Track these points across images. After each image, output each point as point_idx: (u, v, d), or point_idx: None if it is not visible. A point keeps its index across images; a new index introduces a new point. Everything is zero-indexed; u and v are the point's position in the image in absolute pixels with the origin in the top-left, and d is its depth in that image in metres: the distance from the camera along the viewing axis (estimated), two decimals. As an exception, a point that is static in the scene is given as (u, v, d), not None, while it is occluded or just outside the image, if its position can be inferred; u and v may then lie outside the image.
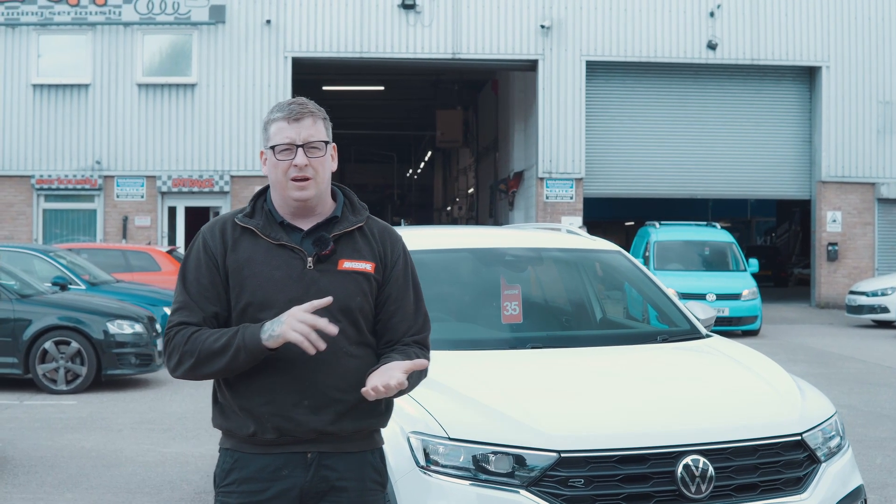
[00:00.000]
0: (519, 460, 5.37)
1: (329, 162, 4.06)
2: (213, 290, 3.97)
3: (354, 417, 3.99)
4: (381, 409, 4.10)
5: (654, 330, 7.73)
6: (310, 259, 3.96)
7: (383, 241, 4.12)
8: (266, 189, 4.15)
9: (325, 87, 45.31)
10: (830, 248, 32.92)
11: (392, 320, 4.10)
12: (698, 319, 7.61)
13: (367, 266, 4.03)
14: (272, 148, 4.01)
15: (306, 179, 3.97)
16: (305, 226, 4.03)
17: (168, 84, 31.70)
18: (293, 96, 25.48)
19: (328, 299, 3.83)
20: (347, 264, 4.00)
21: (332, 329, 3.78)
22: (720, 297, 24.77)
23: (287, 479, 3.95)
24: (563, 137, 32.31)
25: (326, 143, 4.04)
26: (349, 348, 3.97)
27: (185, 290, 3.99)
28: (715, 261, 26.99)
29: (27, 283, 16.58)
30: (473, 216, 51.76)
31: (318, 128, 4.03)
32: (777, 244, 53.71)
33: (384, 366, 3.91)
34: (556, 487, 5.31)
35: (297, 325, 3.74)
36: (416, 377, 4.04)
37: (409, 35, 32.04)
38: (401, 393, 3.87)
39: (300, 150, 3.97)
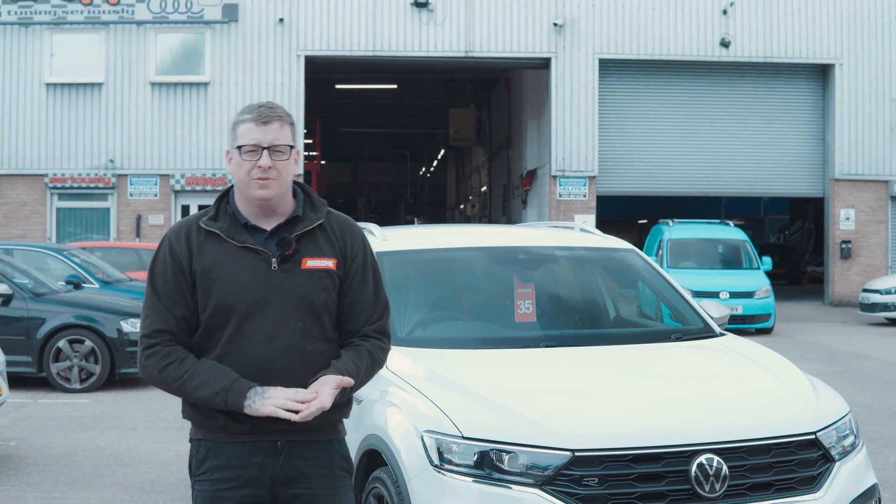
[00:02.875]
0: (533, 459, 5.37)
1: (292, 165, 4.17)
2: (180, 294, 4.09)
3: None
4: (344, 402, 4.22)
5: (668, 329, 7.71)
6: (274, 260, 4.09)
7: (343, 236, 4.25)
8: (229, 190, 4.25)
9: (337, 86, 45.37)
10: (844, 245, 32.84)
11: (353, 311, 4.24)
12: (712, 318, 7.59)
13: (329, 263, 4.17)
14: (238, 148, 4.12)
15: (269, 179, 4.08)
16: (268, 226, 4.15)
17: (181, 83, 31.73)
18: (306, 95, 25.30)
19: (349, 381, 4.08)
20: (311, 262, 4.14)
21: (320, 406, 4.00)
22: (734, 295, 24.72)
23: (258, 465, 4.11)
24: (575, 135, 32.27)
25: (291, 147, 4.16)
26: (314, 345, 4.14)
27: (154, 294, 4.12)
28: (728, 259, 26.96)
29: (41, 281, 16.62)
30: (487, 214, 51.73)
31: (284, 132, 4.14)
32: (790, 242, 53.60)
33: (318, 380, 4.06)
34: (569, 486, 5.31)
35: (281, 404, 3.98)
36: (367, 373, 4.23)
37: (421, 33, 32.03)
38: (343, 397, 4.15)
39: (265, 152, 4.07)
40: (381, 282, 4.34)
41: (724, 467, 5.44)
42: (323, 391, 3.99)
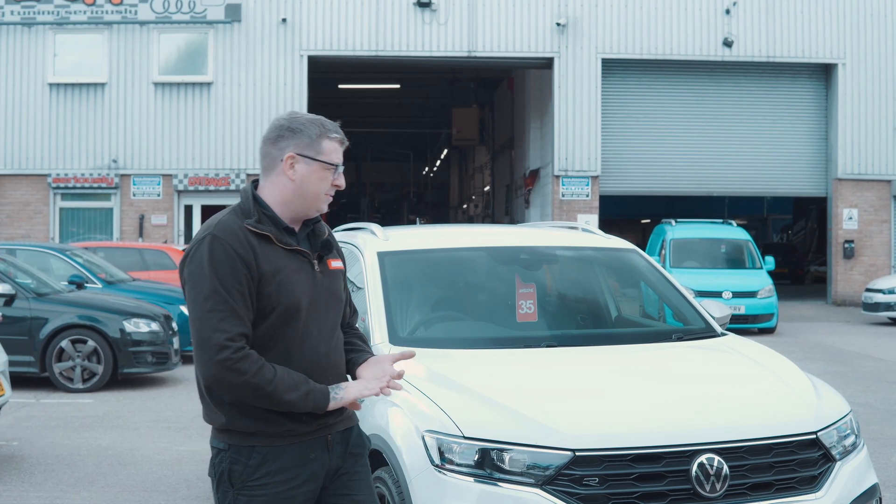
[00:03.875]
0: (533, 459, 5.37)
1: None
2: (250, 296, 4.10)
3: None
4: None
5: (669, 328, 7.71)
6: (315, 262, 4.29)
7: (332, 236, 4.49)
8: (254, 189, 4.31)
9: (340, 86, 45.37)
10: (847, 245, 32.84)
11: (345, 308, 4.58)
12: (713, 318, 7.59)
13: (341, 264, 4.48)
14: (322, 162, 4.24)
15: (331, 196, 4.35)
16: (297, 228, 4.31)
17: (184, 83, 31.76)
18: (309, 94, 25.27)
19: (412, 351, 4.53)
20: (334, 263, 4.39)
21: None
22: (736, 294, 24.73)
23: (314, 462, 4.23)
24: (578, 135, 32.28)
25: None
26: (341, 337, 4.46)
27: (229, 297, 4.05)
28: (731, 258, 26.96)
29: (44, 281, 16.63)
30: (489, 214, 51.72)
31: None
32: (793, 242, 53.53)
33: (373, 359, 4.45)
34: (570, 486, 5.31)
35: (362, 387, 4.29)
36: None
37: (424, 33, 32.05)
38: None
39: (340, 172, 4.32)
40: None
41: (725, 467, 5.44)
42: (386, 368, 4.34)
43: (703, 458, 5.43)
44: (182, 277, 4.18)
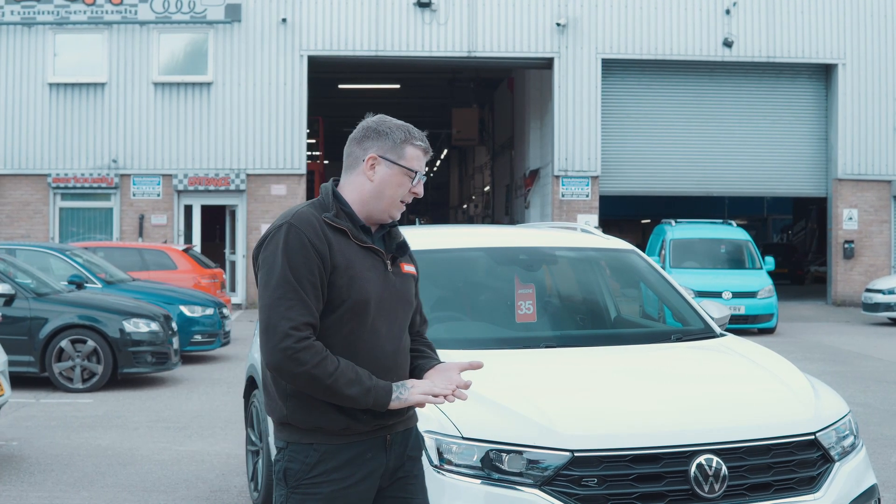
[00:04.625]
0: (532, 459, 5.38)
1: None
2: (321, 287, 4.11)
3: None
4: None
5: (668, 329, 7.72)
6: (388, 262, 4.28)
7: (406, 244, 4.46)
8: (334, 186, 4.36)
9: (340, 86, 45.37)
10: (847, 245, 32.85)
11: (416, 315, 4.51)
12: (712, 318, 7.60)
13: (414, 269, 4.46)
14: (403, 167, 4.26)
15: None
16: (373, 228, 4.32)
17: (184, 83, 31.77)
18: (309, 95, 25.28)
19: (480, 362, 4.44)
20: (407, 267, 4.38)
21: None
22: (736, 294, 24.73)
23: (371, 461, 4.21)
24: (578, 135, 32.30)
25: None
26: (408, 342, 4.40)
27: (298, 286, 4.06)
28: (731, 259, 26.96)
29: (43, 281, 16.62)
30: (489, 214, 51.74)
31: None
32: (793, 242, 53.55)
33: (440, 366, 4.37)
34: (569, 487, 5.32)
35: (428, 389, 4.19)
36: None
37: (424, 33, 32.06)
38: None
39: (421, 180, 4.31)
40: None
41: (724, 468, 5.45)
42: (453, 377, 4.25)
43: (701, 459, 5.44)
44: (255, 263, 4.22)
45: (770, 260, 27.09)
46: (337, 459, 4.14)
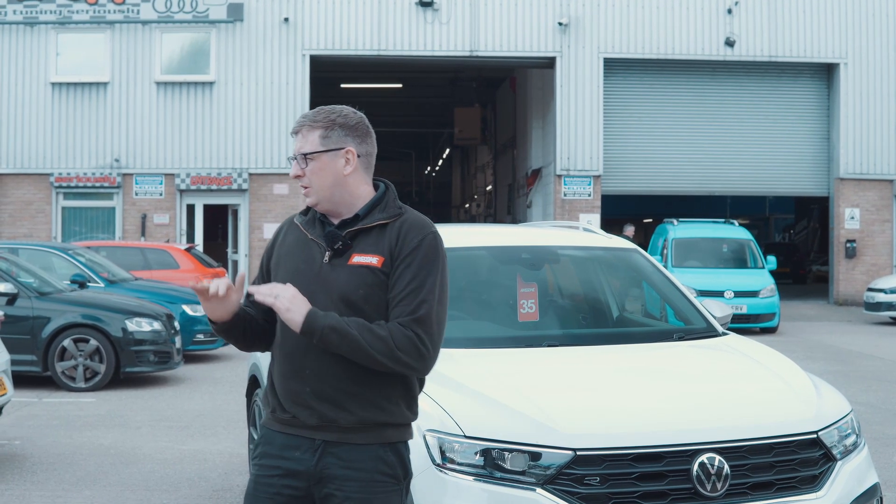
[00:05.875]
0: (535, 458, 5.38)
1: (328, 169, 4.20)
2: (261, 278, 4.37)
3: (354, 408, 4.10)
4: (387, 404, 4.17)
5: (670, 328, 7.72)
6: (327, 254, 4.17)
7: (403, 236, 4.18)
8: None
9: (342, 85, 45.35)
10: (849, 245, 32.83)
11: (390, 304, 4.15)
12: (715, 317, 7.61)
13: (372, 260, 4.14)
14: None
15: (306, 188, 4.22)
16: (335, 222, 4.24)
17: (186, 82, 31.77)
18: (311, 94, 25.29)
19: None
20: (357, 259, 4.15)
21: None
22: (738, 294, 24.73)
23: (297, 460, 4.14)
24: (580, 135, 32.29)
25: (319, 151, 4.19)
26: None
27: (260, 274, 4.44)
28: (733, 258, 26.96)
29: (46, 280, 16.64)
30: (491, 213, 51.71)
31: (310, 138, 4.21)
32: (795, 241, 53.55)
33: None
34: (571, 485, 5.32)
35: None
36: (373, 344, 4.03)
37: (426, 33, 32.05)
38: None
39: (295, 161, 4.23)
40: (430, 278, 4.27)
41: (726, 466, 5.45)
42: (277, 290, 4.04)
43: (704, 458, 5.44)
44: None
45: (772, 259, 27.10)
46: (271, 446, 4.21)
